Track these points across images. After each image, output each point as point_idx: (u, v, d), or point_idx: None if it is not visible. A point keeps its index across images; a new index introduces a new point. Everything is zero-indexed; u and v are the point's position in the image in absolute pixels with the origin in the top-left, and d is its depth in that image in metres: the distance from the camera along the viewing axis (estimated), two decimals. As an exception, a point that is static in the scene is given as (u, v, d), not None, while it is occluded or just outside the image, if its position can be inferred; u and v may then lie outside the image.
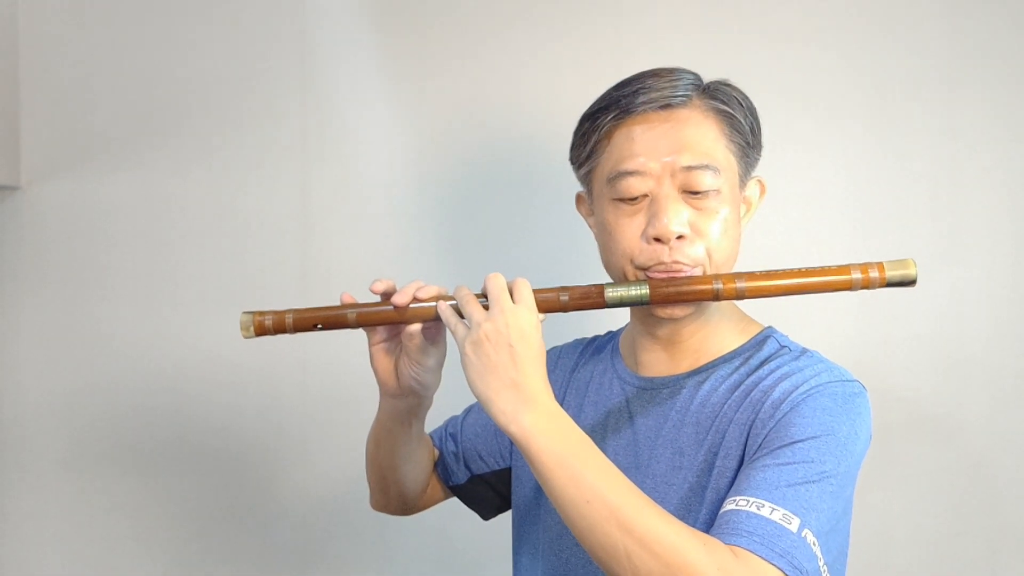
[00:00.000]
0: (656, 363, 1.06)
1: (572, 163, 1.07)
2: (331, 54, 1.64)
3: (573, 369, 1.17)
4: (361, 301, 1.02)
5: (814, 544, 0.84)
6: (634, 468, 1.02)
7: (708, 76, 1.56)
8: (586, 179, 1.06)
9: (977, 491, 1.57)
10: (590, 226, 1.09)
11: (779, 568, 0.81)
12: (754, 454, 0.91)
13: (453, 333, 0.95)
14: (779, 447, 0.89)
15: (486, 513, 1.27)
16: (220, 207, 1.66)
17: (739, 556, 0.81)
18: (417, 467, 1.18)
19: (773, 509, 0.84)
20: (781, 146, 1.57)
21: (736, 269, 1.03)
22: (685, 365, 1.04)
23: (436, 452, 1.24)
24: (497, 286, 0.93)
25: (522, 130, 1.58)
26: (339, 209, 1.65)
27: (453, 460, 1.23)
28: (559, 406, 0.90)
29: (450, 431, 1.25)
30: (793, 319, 1.53)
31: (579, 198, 1.10)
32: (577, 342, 1.23)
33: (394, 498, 1.21)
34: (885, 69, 1.55)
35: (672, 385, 1.04)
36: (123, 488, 1.70)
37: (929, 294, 1.56)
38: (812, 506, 0.85)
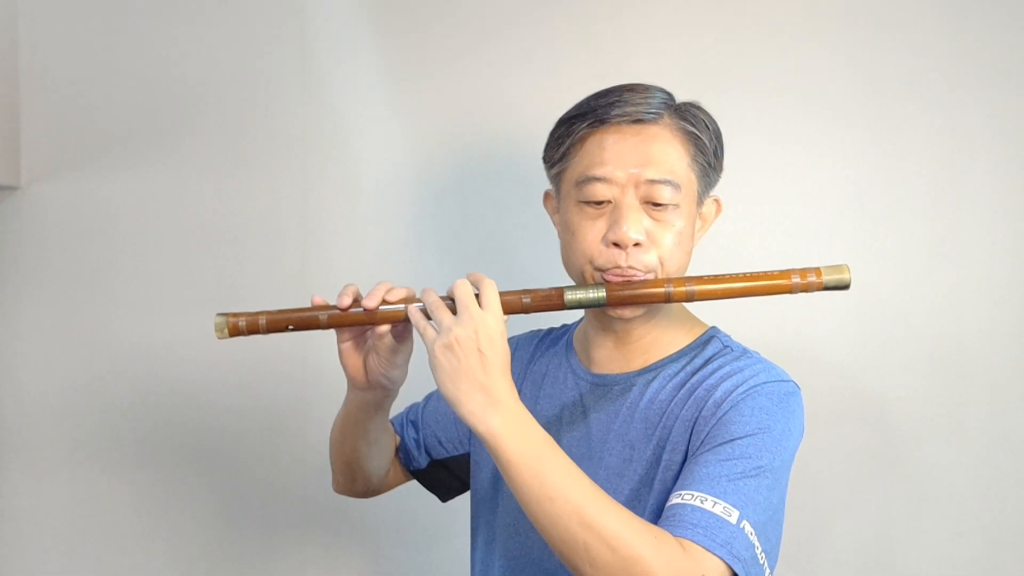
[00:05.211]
0: (608, 361, 1.13)
1: (545, 162, 1.13)
2: (331, 54, 1.64)
3: (529, 361, 1.24)
4: (332, 303, 1.06)
5: (751, 534, 0.92)
6: (587, 459, 1.09)
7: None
8: (556, 179, 1.12)
9: (977, 491, 1.57)
10: (554, 223, 1.15)
11: (720, 557, 0.90)
12: (697, 449, 0.99)
13: (422, 336, 1.00)
14: (720, 444, 0.97)
15: (444, 496, 1.34)
16: (220, 207, 1.66)
17: (685, 547, 0.89)
18: (381, 453, 1.25)
19: (715, 503, 0.92)
20: (781, 146, 1.57)
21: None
22: (636, 363, 1.11)
23: (397, 438, 1.31)
24: (465, 292, 0.98)
25: (522, 130, 1.59)
26: (339, 209, 1.65)
27: (414, 446, 1.30)
28: (524, 408, 0.96)
29: (411, 418, 1.31)
30: (793, 320, 1.54)
31: (547, 195, 1.17)
32: (532, 334, 1.29)
33: (359, 482, 1.27)
34: (885, 69, 1.55)
35: (623, 382, 1.10)
36: (123, 487, 1.70)
37: (929, 294, 1.56)
38: (750, 499, 0.94)
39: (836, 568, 1.59)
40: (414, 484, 1.34)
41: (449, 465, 1.30)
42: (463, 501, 1.32)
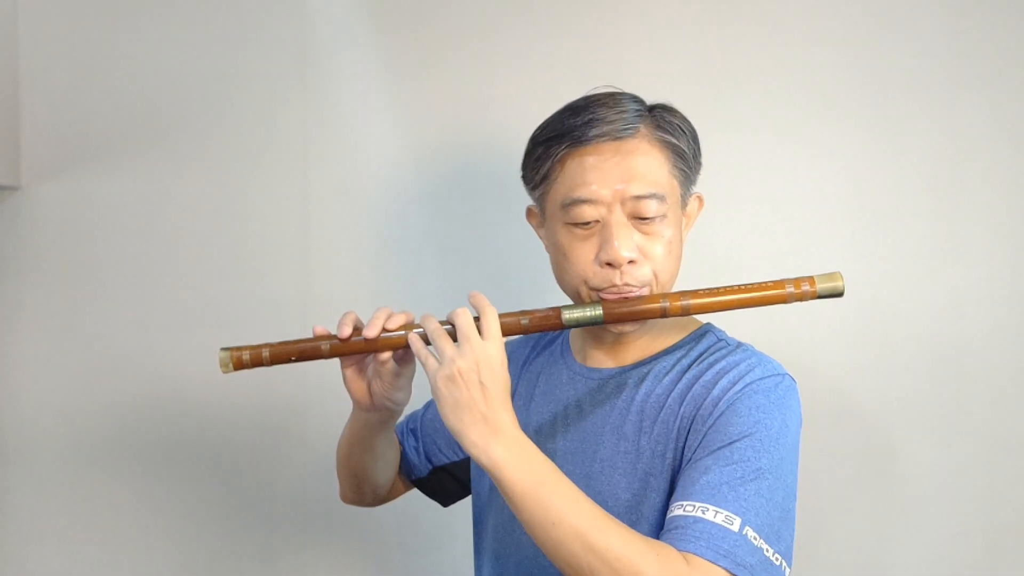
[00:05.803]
0: (604, 358, 1.14)
1: (524, 181, 1.14)
2: (331, 54, 1.64)
3: (524, 362, 1.25)
4: (333, 332, 1.08)
5: (755, 539, 0.93)
6: (583, 454, 1.10)
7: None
8: (539, 200, 1.12)
9: (977, 491, 1.56)
10: (540, 237, 1.16)
11: (724, 568, 0.91)
12: (695, 451, 1.00)
13: (424, 365, 1.01)
14: (718, 448, 0.98)
15: (445, 501, 1.36)
16: (220, 207, 1.66)
17: (690, 561, 0.91)
18: (388, 465, 1.28)
19: (716, 512, 0.93)
20: (781, 146, 1.57)
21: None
22: (630, 360, 1.13)
23: (399, 447, 1.32)
24: (466, 322, 0.99)
25: (522, 130, 1.57)
26: (339, 210, 1.65)
27: (415, 455, 1.31)
28: (525, 436, 0.97)
29: (410, 427, 1.33)
30: (791, 322, 1.54)
31: (530, 211, 1.17)
32: (526, 336, 1.29)
33: (367, 494, 1.30)
34: (885, 69, 1.55)
35: (618, 377, 1.12)
36: (123, 488, 1.70)
37: (929, 294, 1.55)
38: (751, 504, 0.95)
39: (835, 569, 1.59)
40: (416, 490, 1.35)
41: (450, 470, 1.31)
42: (463, 505, 1.33)
